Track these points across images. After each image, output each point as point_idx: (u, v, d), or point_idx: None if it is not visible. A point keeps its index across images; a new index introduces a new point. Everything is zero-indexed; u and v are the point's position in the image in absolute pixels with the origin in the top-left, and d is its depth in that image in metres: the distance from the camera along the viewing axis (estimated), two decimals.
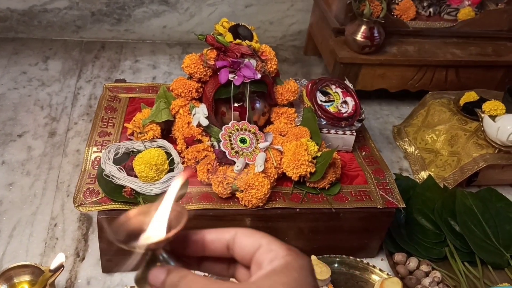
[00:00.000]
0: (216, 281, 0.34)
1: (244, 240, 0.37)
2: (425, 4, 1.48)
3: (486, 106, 1.15)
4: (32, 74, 1.41)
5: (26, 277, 0.77)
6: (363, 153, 1.03)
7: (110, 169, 0.84)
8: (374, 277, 0.94)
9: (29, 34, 1.58)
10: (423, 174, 1.21)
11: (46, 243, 0.94)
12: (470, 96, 1.24)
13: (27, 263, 0.78)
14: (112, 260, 0.88)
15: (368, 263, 0.95)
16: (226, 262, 0.40)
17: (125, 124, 0.96)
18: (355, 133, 1.01)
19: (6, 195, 1.03)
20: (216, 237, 0.38)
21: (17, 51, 1.51)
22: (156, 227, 0.37)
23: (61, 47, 1.56)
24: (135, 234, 0.37)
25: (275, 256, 0.35)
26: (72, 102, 1.33)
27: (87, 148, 0.92)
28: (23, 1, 1.51)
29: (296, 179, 0.89)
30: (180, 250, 0.39)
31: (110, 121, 0.99)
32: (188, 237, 0.39)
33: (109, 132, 0.96)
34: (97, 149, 0.92)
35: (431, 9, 1.48)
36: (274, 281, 0.33)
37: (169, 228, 0.37)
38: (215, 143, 0.91)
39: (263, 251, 0.36)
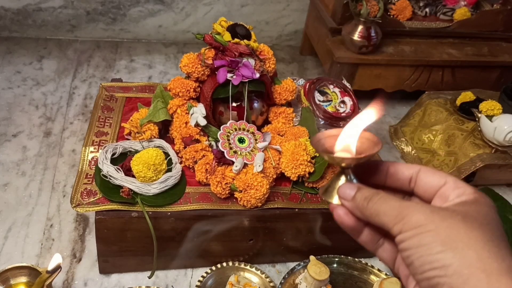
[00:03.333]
0: (408, 201, 0.37)
1: (430, 176, 0.40)
2: (421, 4, 1.49)
3: (483, 106, 1.16)
4: (26, 74, 1.40)
5: (23, 279, 0.76)
6: None
7: (108, 169, 0.83)
8: (373, 277, 0.93)
9: (23, 33, 1.56)
10: None
11: (42, 244, 0.93)
12: (467, 96, 1.25)
13: (24, 264, 0.77)
14: (109, 261, 0.88)
15: (366, 263, 0.95)
16: (401, 194, 0.43)
17: (122, 124, 0.96)
18: None
19: (1, 196, 1.02)
20: (400, 170, 0.41)
21: (11, 50, 1.49)
22: (349, 146, 0.41)
23: (55, 47, 1.54)
24: (330, 150, 0.42)
25: (464, 192, 0.37)
26: (67, 101, 1.31)
27: (84, 148, 0.91)
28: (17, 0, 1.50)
29: (295, 179, 0.88)
30: (364, 175, 0.42)
31: (107, 121, 0.98)
32: (373, 164, 0.43)
33: (106, 132, 0.95)
34: (94, 149, 0.91)
35: (427, 9, 1.48)
36: (468, 209, 0.36)
37: (360, 153, 0.41)
38: (213, 143, 0.90)
39: (450, 187, 0.38)
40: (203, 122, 0.90)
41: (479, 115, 1.15)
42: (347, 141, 0.41)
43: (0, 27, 1.53)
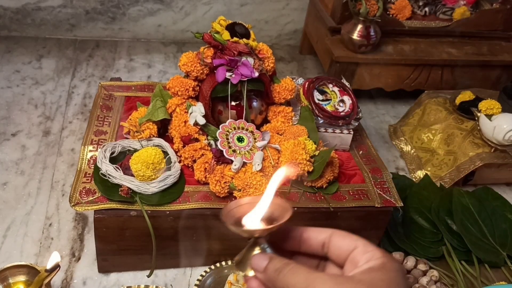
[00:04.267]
0: (318, 271, 0.37)
1: (341, 241, 0.41)
2: (420, 3, 1.49)
3: (482, 105, 1.16)
4: (25, 73, 1.40)
5: (22, 277, 0.76)
6: (360, 152, 1.03)
7: (107, 168, 0.83)
8: None
9: (23, 33, 1.56)
10: (420, 173, 1.21)
11: (41, 243, 0.93)
12: (466, 95, 1.25)
13: (23, 263, 0.77)
14: (108, 260, 0.87)
15: None
16: (317, 259, 0.43)
17: (121, 123, 0.95)
18: (352, 132, 1.01)
19: (0, 195, 1.02)
20: (313, 235, 0.42)
21: (10, 50, 1.49)
22: (261, 217, 0.41)
23: (55, 46, 1.54)
24: (241, 220, 0.42)
25: (372, 257, 0.38)
26: (66, 101, 1.31)
27: (82, 147, 0.91)
28: None
29: (294, 178, 0.88)
30: (278, 242, 0.42)
31: (106, 120, 0.98)
32: (287, 231, 0.43)
33: (105, 131, 0.95)
34: (93, 148, 0.91)
35: (426, 9, 1.48)
36: (373, 277, 0.36)
37: (272, 221, 0.41)
38: (212, 142, 0.90)
39: (360, 252, 0.39)
40: (202, 121, 0.90)
41: (479, 114, 1.15)
42: (258, 211, 0.41)
43: None
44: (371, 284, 0.35)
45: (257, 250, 0.41)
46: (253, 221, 0.41)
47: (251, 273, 0.40)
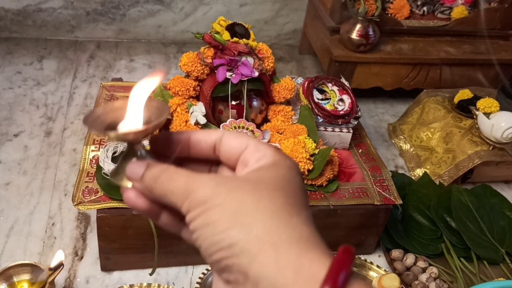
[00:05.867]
0: (196, 174, 0.33)
1: (231, 141, 0.37)
2: (419, 3, 1.49)
3: (480, 103, 1.16)
4: (27, 74, 1.41)
5: (26, 276, 0.77)
6: (360, 151, 1.04)
7: (109, 167, 0.84)
8: (372, 273, 0.94)
9: (24, 34, 1.57)
10: (419, 171, 1.22)
11: (44, 242, 0.94)
12: (464, 93, 1.26)
13: (27, 261, 0.78)
14: (110, 258, 0.88)
15: (365, 260, 0.96)
16: (208, 164, 0.40)
17: None
18: (351, 131, 1.02)
19: (3, 195, 1.03)
20: (202, 138, 0.38)
21: (11, 51, 1.50)
22: (134, 119, 0.36)
23: (56, 47, 1.55)
24: (112, 126, 0.37)
25: (263, 155, 0.35)
26: (68, 101, 1.32)
27: (85, 146, 0.92)
28: (17, 0, 1.50)
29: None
30: (162, 150, 0.38)
31: None
32: (172, 137, 0.38)
33: None
34: (95, 147, 0.92)
35: (425, 8, 1.49)
36: (262, 175, 0.33)
37: (148, 122, 0.36)
38: None
39: (250, 151, 0.36)
40: (202, 120, 0.91)
41: (477, 112, 1.16)
42: (132, 113, 0.37)
43: (1, 28, 1.54)
44: (257, 181, 0.32)
45: (134, 159, 0.37)
46: (128, 124, 0.37)
47: (128, 184, 0.36)
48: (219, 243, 0.30)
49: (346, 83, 1.06)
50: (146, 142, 0.38)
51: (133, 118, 0.36)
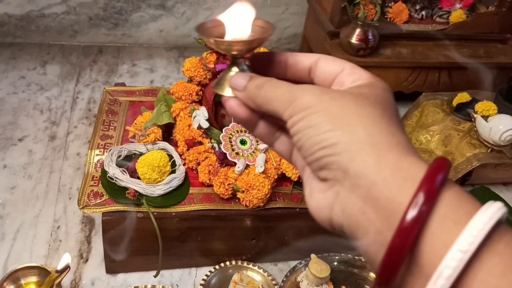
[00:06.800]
0: (299, 85, 0.35)
1: (328, 63, 0.39)
2: (417, 7, 1.51)
3: (478, 106, 1.18)
4: (30, 79, 1.43)
5: (33, 278, 0.79)
6: None
7: (114, 171, 0.85)
8: (372, 274, 0.96)
9: (27, 39, 1.59)
10: None
11: (49, 245, 0.96)
12: (463, 97, 1.27)
13: (34, 264, 0.79)
14: (115, 261, 0.90)
15: (366, 261, 0.97)
16: None
17: (127, 127, 0.98)
18: None
19: (8, 198, 1.04)
20: (300, 59, 0.40)
21: (15, 56, 1.52)
22: (241, 33, 0.39)
23: (58, 52, 1.57)
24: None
25: (359, 77, 0.37)
26: (71, 106, 1.34)
27: (89, 151, 0.93)
28: (21, 6, 1.52)
29: (296, 179, 0.91)
30: (262, 68, 0.40)
31: (111, 124, 1.00)
32: (271, 56, 0.41)
33: (110, 135, 0.98)
34: (99, 151, 0.93)
35: (423, 12, 1.51)
36: (361, 91, 0.35)
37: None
38: (215, 145, 0.93)
39: (347, 73, 0.37)
40: (205, 124, 0.93)
41: (475, 115, 1.18)
42: (239, 30, 0.39)
43: (4, 33, 1.56)
44: (358, 94, 0.34)
45: (236, 71, 0.39)
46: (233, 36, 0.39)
47: (228, 92, 0.38)
48: (322, 142, 0.32)
49: None
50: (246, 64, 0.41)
51: (240, 32, 0.39)
